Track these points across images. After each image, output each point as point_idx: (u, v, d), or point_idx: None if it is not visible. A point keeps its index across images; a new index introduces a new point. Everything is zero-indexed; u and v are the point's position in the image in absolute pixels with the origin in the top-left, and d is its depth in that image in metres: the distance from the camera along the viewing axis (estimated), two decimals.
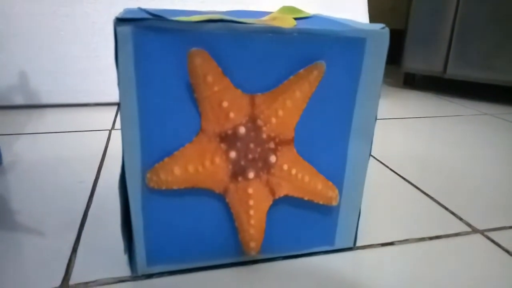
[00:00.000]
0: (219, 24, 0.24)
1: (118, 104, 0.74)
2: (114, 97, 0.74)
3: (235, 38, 0.24)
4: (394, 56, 1.33)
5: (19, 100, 0.69)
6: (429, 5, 0.91)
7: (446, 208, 0.40)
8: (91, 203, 0.38)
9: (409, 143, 0.61)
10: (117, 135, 0.59)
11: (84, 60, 0.71)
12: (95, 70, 0.72)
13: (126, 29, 0.23)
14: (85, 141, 0.55)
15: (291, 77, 0.26)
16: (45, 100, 0.71)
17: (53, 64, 0.70)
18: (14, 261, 0.30)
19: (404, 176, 0.48)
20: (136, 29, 0.23)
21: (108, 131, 0.60)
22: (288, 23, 0.31)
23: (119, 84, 0.24)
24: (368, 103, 0.28)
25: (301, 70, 0.26)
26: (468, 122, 0.73)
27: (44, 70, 0.70)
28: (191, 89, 0.25)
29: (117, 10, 0.72)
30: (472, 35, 0.86)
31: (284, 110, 0.27)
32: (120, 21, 0.22)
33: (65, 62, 0.71)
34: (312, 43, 0.26)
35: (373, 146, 0.58)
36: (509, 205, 0.42)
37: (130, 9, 0.34)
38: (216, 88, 0.25)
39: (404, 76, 1.04)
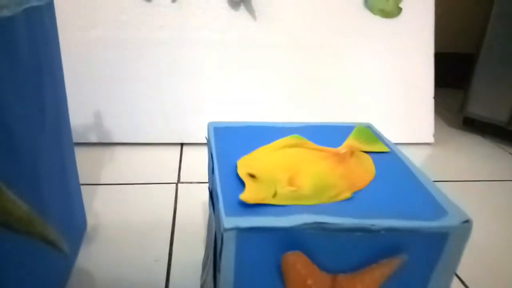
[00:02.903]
0: (313, 224, 0.26)
1: (181, 145, 0.79)
2: (177, 136, 0.78)
3: (325, 235, 0.26)
4: (458, 79, 1.28)
5: (93, 138, 0.75)
6: (499, 54, 0.87)
7: None
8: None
9: None
10: (182, 191, 0.63)
11: (150, 101, 0.76)
12: (159, 111, 0.76)
13: (231, 233, 0.25)
14: (155, 195, 0.60)
15: (374, 265, 0.28)
16: (116, 139, 0.76)
17: (123, 105, 0.75)
18: None
19: None
20: (239, 233, 0.25)
21: (174, 184, 0.65)
22: (367, 170, 0.33)
23: (219, 270, 0.27)
24: (441, 282, 0.30)
25: (384, 260, 0.28)
26: None
27: (115, 110, 0.75)
28: (280, 270, 0.28)
29: (181, 54, 0.75)
30: None
31: (363, 285, 0.29)
32: (227, 230, 0.25)
33: (133, 102, 0.75)
34: (397, 238, 0.27)
35: None
36: None
37: (214, 126, 0.38)
38: (303, 272, 0.27)
39: (464, 117, 1.01)
